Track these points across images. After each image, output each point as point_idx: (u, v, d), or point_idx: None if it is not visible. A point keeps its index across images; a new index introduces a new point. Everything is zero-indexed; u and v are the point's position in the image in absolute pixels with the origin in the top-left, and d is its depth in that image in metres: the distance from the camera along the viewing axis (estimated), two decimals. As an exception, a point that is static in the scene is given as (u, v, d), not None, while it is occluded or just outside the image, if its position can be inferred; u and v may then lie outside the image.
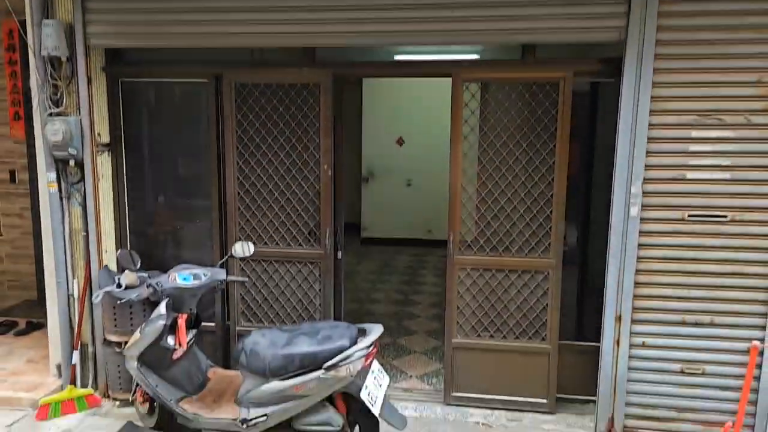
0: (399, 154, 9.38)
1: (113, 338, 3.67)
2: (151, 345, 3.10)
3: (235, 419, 3.05)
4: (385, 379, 3.15)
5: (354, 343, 2.94)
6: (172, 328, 3.14)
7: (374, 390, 2.99)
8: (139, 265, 3.25)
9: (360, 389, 2.91)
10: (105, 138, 3.85)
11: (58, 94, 3.67)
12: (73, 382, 3.79)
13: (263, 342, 3.02)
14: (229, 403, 3.22)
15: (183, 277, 3.14)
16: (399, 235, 9.56)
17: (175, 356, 3.15)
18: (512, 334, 3.71)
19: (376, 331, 3.02)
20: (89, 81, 3.68)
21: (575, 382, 3.78)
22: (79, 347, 3.85)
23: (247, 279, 3.49)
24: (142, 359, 3.17)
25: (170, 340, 3.13)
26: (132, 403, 3.57)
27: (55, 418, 3.59)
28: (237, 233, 3.88)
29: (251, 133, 3.78)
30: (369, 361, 2.96)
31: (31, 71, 3.65)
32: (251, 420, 2.99)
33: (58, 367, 3.91)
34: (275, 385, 2.94)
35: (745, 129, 3.12)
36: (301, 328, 3.10)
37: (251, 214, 3.86)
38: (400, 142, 9.46)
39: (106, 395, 3.90)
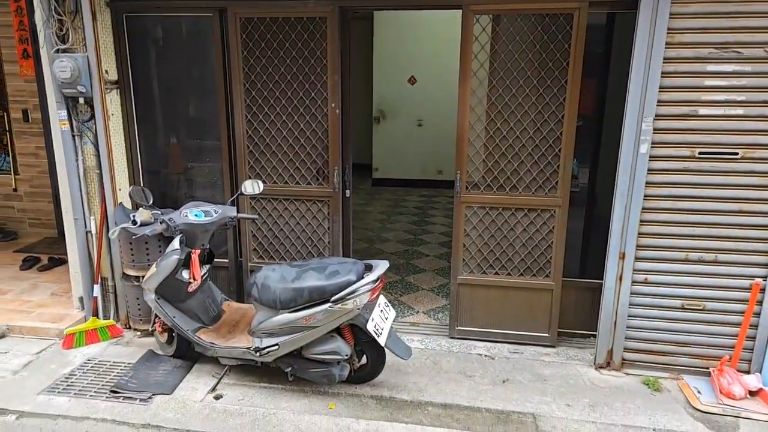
0: (411, 94, 9.24)
1: (131, 272, 3.82)
2: (167, 278, 3.24)
3: (249, 348, 3.22)
4: (391, 313, 3.26)
5: (361, 278, 3.04)
6: (186, 263, 3.25)
7: (380, 322, 3.10)
8: (151, 201, 3.33)
9: (366, 321, 3.03)
10: (113, 75, 3.86)
11: (64, 30, 3.64)
12: (95, 314, 3.97)
13: (274, 276, 3.13)
14: (243, 333, 3.38)
15: (195, 214, 3.23)
16: (410, 176, 9.56)
17: (190, 289, 3.28)
18: (517, 271, 3.79)
19: (381, 266, 3.10)
20: (93, 16, 3.63)
21: (577, 318, 3.89)
22: (99, 281, 4.02)
23: (257, 216, 3.57)
24: (160, 292, 3.32)
25: (185, 274, 3.26)
26: (152, 334, 3.77)
27: (81, 347, 3.80)
28: (247, 172, 3.93)
29: (258, 70, 3.75)
30: (375, 295, 3.06)
31: (35, 5, 3.61)
32: (264, 348, 3.15)
33: (81, 300, 4.09)
34: (285, 316, 3.07)
35: (763, 63, 3.02)
36: (310, 264, 3.19)
37: (260, 153, 3.89)
38: (412, 81, 9.29)
39: (127, 326, 4.09)
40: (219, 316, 3.56)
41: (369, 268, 3.15)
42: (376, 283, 3.03)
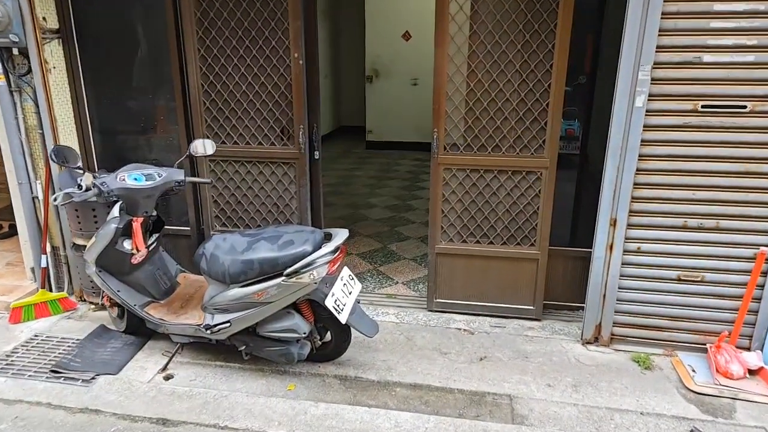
0: (405, 51, 8.75)
1: (80, 242, 3.52)
2: (107, 249, 2.94)
3: (199, 325, 2.94)
4: (357, 286, 2.96)
5: (318, 248, 2.73)
6: (128, 232, 2.95)
7: (342, 297, 2.81)
8: (78, 163, 3.01)
9: (325, 296, 2.74)
10: (53, 23, 3.48)
11: (-9, -29, 3.25)
12: (46, 286, 3.71)
13: (223, 246, 2.82)
14: (195, 308, 3.10)
15: (134, 177, 2.90)
16: (405, 138, 9.17)
17: (134, 261, 2.99)
18: (499, 239, 3.46)
19: (341, 235, 2.78)
20: (24, -45, 3.24)
21: (565, 289, 3.59)
22: (48, 251, 3.74)
23: (209, 180, 3.24)
24: (101, 264, 3.03)
25: (126, 245, 2.96)
26: (105, 307, 3.50)
27: (29, 321, 3.55)
28: (204, 131, 3.59)
29: (212, 15, 3.35)
30: (335, 266, 2.76)
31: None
32: (215, 326, 2.87)
33: (33, 270, 3.83)
34: (236, 291, 2.78)
35: (782, 0, 2.61)
36: (263, 233, 2.88)
37: (218, 110, 3.54)
38: (407, 36, 8.78)
39: (82, 299, 3.83)
40: (172, 289, 3.28)
41: (329, 238, 2.84)
42: (335, 254, 2.72)
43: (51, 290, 3.77)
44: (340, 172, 7.70)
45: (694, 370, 2.99)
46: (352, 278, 2.97)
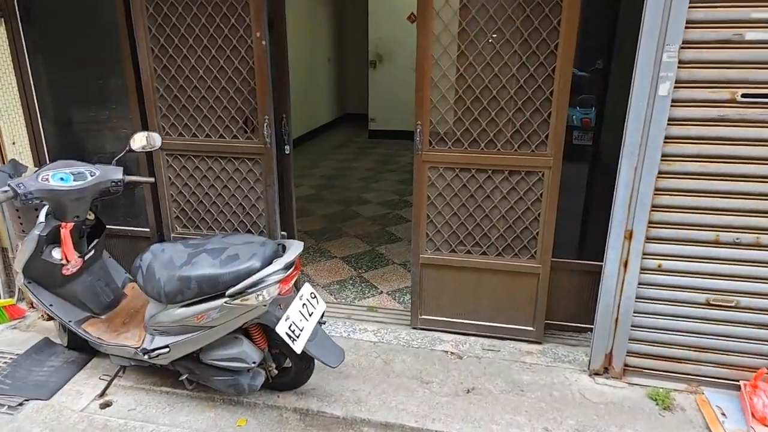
0: (411, 34, 8.18)
1: (20, 245, 3.13)
2: (32, 259, 2.53)
3: (137, 348, 2.52)
4: (320, 306, 2.52)
5: (268, 263, 2.28)
6: (57, 240, 2.54)
7: (299, 320, 2.36)
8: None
9: (278, 321, 2.29)
10: (-13, -1, 3.06)
11: None
12: (-11, 293, 3.35)
13: (161, 259, 2.40)
14: (138, 326, 2.69)
15: (60, 177, 2.48)
16: (409, 127, 8.62)
17: (66, 272, 2.58)
18: (494, 250, 2.98)
19: (295, 248, 2.33)
20: None
21: (570, 308, 3.10)
22: (-6, 254, 3.37)
23: (152, 180, 2.81)
24: (30, 275, 2.63)
25: (55, 254, 2.55)
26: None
27: (-33, 332, 3.18)
28: (159, 122, 3.15)
29: (162, -11, 2.90)
30: (288, 285, 2.31)
31: None
32: (152, 350, 2.45)
33: (-24, 274, 3.46)
34: (173, 312, 2.36)
35: None
36: (208, 243, 2.44)
37: (174, 98, 3.09)
38: (413, 18, 8.21)
39: (32, 306, 3.45)
40: (117, 301, 2.87)
41: (284, 250, 2.39)
42: (289, 271, 2.28)
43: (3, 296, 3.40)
44: (337, 163, 7.24)
45: (723, 414, 2.49)
46: (315, 296, 2.52)
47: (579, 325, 3.13)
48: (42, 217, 2.49)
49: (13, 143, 3.31)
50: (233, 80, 2.99)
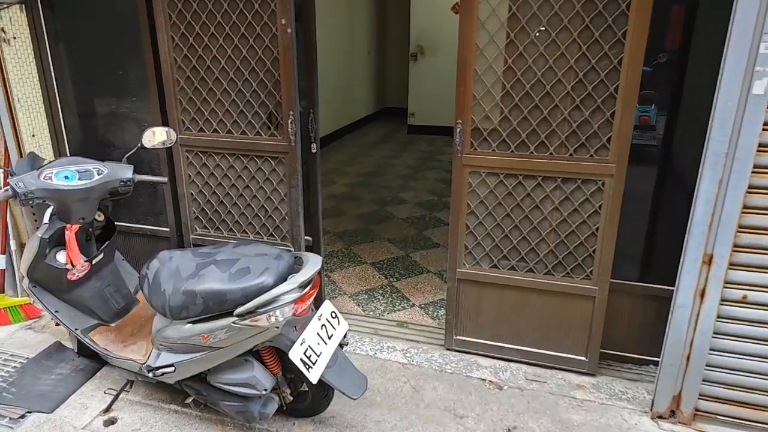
0: (453, 24, 7.79)
1: (34, 244, 2.98)
2: (36, 262, 2.35)
3: (142, 363, 2.31)
4: (341, 327, 2.23)
5: (282, 280, 2.01)
6: (62, 242, 2.35)
7: (317, 344, 2.08)
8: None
9: (292, 344, 2.02)
10: (5, -16, 2.90)
11: None
12: (2, 290, 3.22)
13: (168, 268, 2.16)
14: (146, 339, 2.48)
15: (64, 175, 2.27)
16: (451, 123, 8.24)
17: (71, 277, 2.38)
18: (542, 267, 2.62)
19: (312, 263, 2.05)
20: None
21: (630, 336, 2.71)
22: (13, 250, 3.23)
23: (165, 180, 2.57)
24: (35, 278, 2.45)
25: (60, 258, 2.36)
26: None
27: (-19, 332, 3.07)
28: (178, 115, 2.93)
29: (182, -29, 2.67)
30: (305, 305, 2.03)
31: None
32: (157, 368, 2.22)
33: (-7, 271, 3.35)
34: (179, 329, 2.12)
35: None
36: (219, 253, 2.19)
37: (194, 90, 2.86)
38: (457, 9, 7.82)
39: (49, 306, 3.31)
40: (128, 308, 2.67)
41: (300, 263, 2.12)
42: (305, 290, 2.00)
43: (16, 295, 3.28)
44: (376, 160, 6.95)
45: (817, 478, 2.07)
46: (335, 316, 2.23)
47: (639, 356, 2.74)
48: (46, 218, 2.30)
49: (33, 135, 3.16)
50: (256, 71, 2.73)
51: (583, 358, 2.68)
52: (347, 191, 5.61)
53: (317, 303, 2.21)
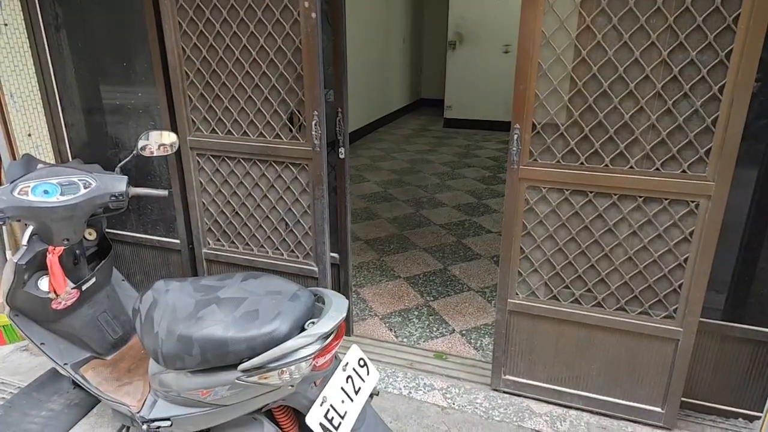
0: (496, 11, 7.25)
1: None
2: (15, 290, 2.02)
3: (135, 412, 1.97)
4: (370, 378, 1.83)
5: (299, 327, 1.62)
6: (44, 267, 2.01)
7: (340, 403, 1.69)
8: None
9: (311, 404, 1.64)
10: (-3, -35, 2.58)
11: None
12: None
13: (165, 303, 1.79)
14: (143, 379, 2.14)
15: (44, 190, 1.93)
16: (491, 116, 7.77)
17: (56, 307, 2.05)
18: (613, 302, 2.17)
19: (335, 309, 1.65)
20: None
21: (717, 384, 2.25)
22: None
23: (165, 193, 2.19)
24: (17, 306, 2.12)
25: (42, 285, 2.03)
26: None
27: (-25, 352, 2.80)
28: (188, 114, 2.57)
29: (190, -53, 2.28)
30: (326, 358, 1.64)
31: None
32: (152, 421, 1.87)
33: (-5, 282, 3.07)
34: (175, 379, 1.76)
35: None
36: (224, 287, 1.81)
37: (205, 85, 2.49)
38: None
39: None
40: (127, 338, 2.34)
41: (321, 302, 1.73)
42: (327, 341, 1.60)
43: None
44: (411, 155, 6.52)
45: None
46: (364, 364, 1.84)
47: (726, 407, 2.28)
48: (24, 239, 1.97)
49: (29, 135, 2.85)
50: (275, 64, 2.34)
51: (659, 410, 2.23)
52: (380, 191, 5.20)
53: (341, 347, 1.82)
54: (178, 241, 2.91)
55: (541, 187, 2.12)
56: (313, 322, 1.62)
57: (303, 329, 1.62)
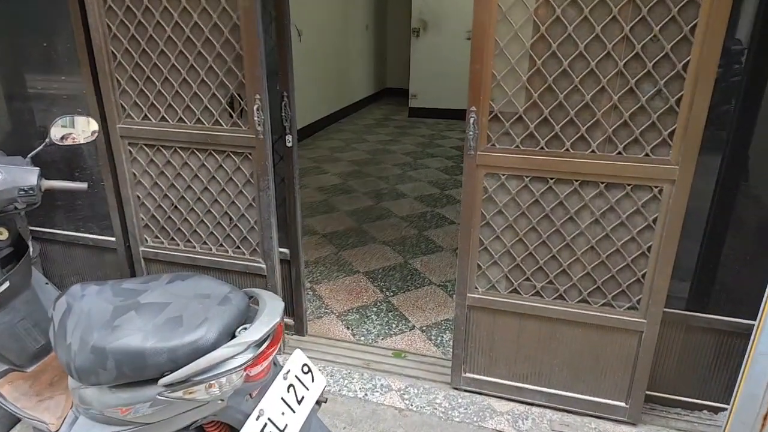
0: (462, -3, 7.13)
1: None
2: None
3: (54, 430, 1.76)
4: (315, 385, 1.67)
5: (228, 334, 1.44)
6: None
7: (280, 416, 1.53)
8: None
9: (245, 418, 1.47)
10: None
11: None
12: None
13: (78, 312, 1.58)
14: (64, 394, 1.94)
15: (-63, 183, 1.69)
16: (455, 105, 7.64)
17: (-38, 316, 1.82)
18: (575, 293, 2.07)
19: (269, 312, 1.47)
20: None
21: (679, 376, 2.18)
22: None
23: (84, 186, 1.97)
24: None
25: (-57, 292, 1.79)
26: None
27: None
28: (117, 98, 2.34)
29: None
30: (261, 367, 1.47)
31: None
32: (71, 440, 1.67)
33: None
34: (95, 395, 1.56)
35: None
36: (146, 291, 1.61)
37: (135, 66, 2.27)
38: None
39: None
40: (49, 348, 2.11)
41: (256, 304, 1.55)
42: (260, 349, 1.43)
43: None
44: (372, 146, 6.35)
45: None
46: (308, 371, 1.67)
47: (691, 399, 2.21)
48: None
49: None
50: (211, 43, 2.13)
51: (623, 405, 2.15)
52: (339, 183, 5.02)
53: (281, 349, 1.66)
54: (113, 239, 2.67)
55: (500, 174, 1.98)
56: (245, 328, 1.45)
57: (234, 336, 1.45)
